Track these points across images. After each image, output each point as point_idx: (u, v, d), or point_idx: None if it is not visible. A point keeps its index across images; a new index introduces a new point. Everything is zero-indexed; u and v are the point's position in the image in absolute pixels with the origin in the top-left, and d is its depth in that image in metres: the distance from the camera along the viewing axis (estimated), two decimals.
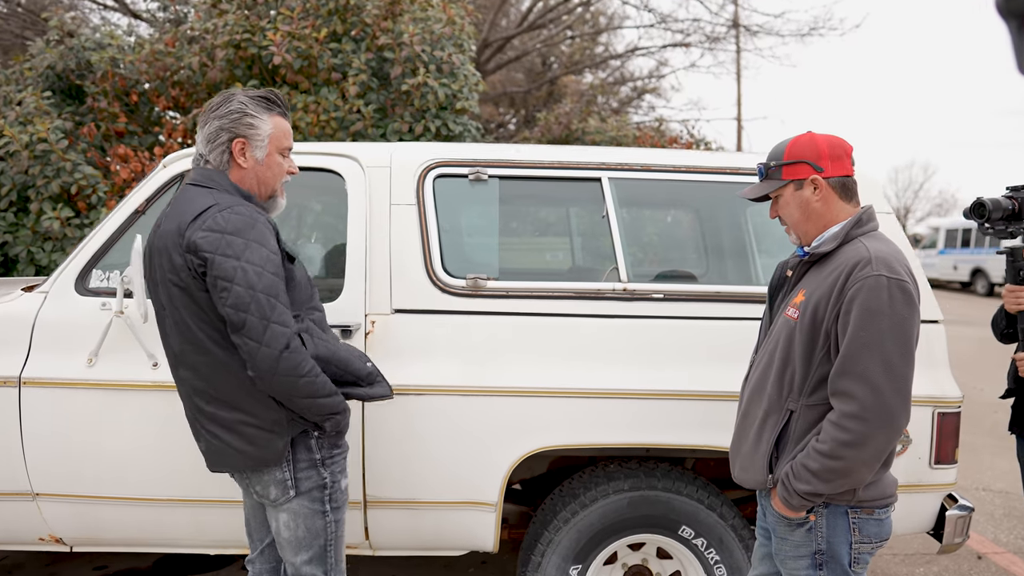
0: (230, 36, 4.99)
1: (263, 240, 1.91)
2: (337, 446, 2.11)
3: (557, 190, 3.04)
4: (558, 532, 2.62)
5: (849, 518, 1.84)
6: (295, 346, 1.89)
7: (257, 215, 1.94)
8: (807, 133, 1.91)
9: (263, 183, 2.06)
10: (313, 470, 2.06)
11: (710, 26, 13.17)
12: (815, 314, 1.80)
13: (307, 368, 1.91)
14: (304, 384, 1.91)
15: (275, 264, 1.91)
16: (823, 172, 1.86)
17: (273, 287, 1.89)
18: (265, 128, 2.02)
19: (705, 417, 2.56)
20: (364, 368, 2.12)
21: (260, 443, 1.99)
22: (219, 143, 2.01)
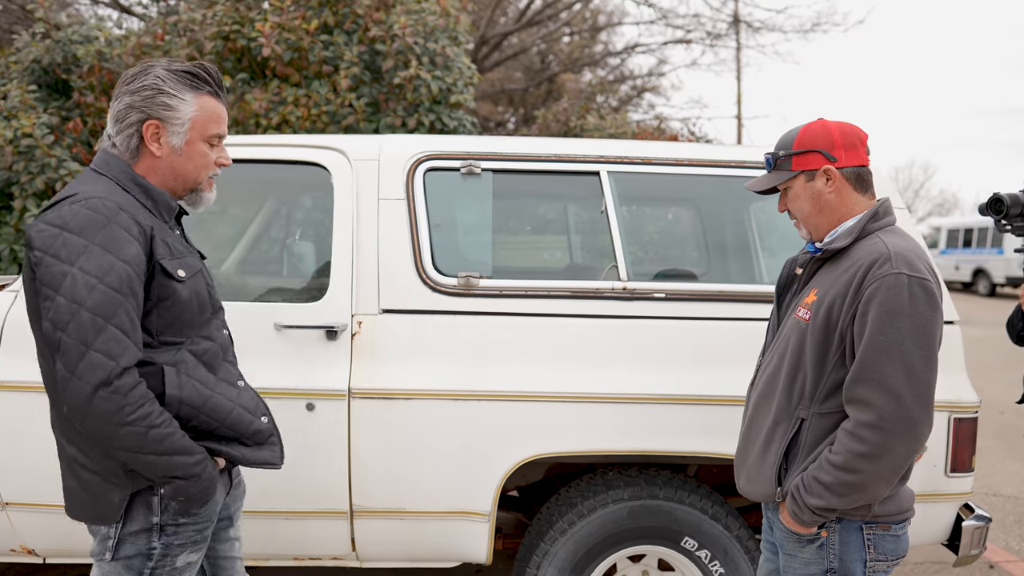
0: (218, 28, 4.86)
1: (112, 245, 1.54)
2: (189, 514, 1.67)
3: (554, 184, 2.92)
4: (554, 543, 2.49)
5: (864, 534, 1.72)
6: (120, 385, 1.50)
7: (119, 212, 1.57)
8: (819, 120, 1.78)
9: (180, 176, 1.72)
10: (144, 535, 1.64)
11: (711, 22, 13.05)
12: (829, 315, 1.68)
13: (135, 415, 1.52)
14: (126, 435, 1.52)
15: (121, 277, 1.54)
16: (836, 162, 1.73)
17: (106, 306, 1.51)
18: (186, 110, 1.67)
19: (708, 423, 2.45)
20: (250, 424, 1.73)
21: (93, 491, 1.63)
22: (128, 124, 1.66)
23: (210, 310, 1.76)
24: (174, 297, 1.65)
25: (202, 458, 1.64)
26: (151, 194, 1.70)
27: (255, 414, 1.76)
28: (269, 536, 2.51)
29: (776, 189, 1.84)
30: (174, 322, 1.67)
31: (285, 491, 2.44)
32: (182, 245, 1.75)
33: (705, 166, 2.67)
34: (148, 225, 1.63)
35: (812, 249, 1.82)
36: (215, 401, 1.68)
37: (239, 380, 1.79)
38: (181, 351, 1.68)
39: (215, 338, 1.76)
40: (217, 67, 5.04)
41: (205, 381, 1.69)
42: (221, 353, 1.77)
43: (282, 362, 2.45)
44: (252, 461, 1.75)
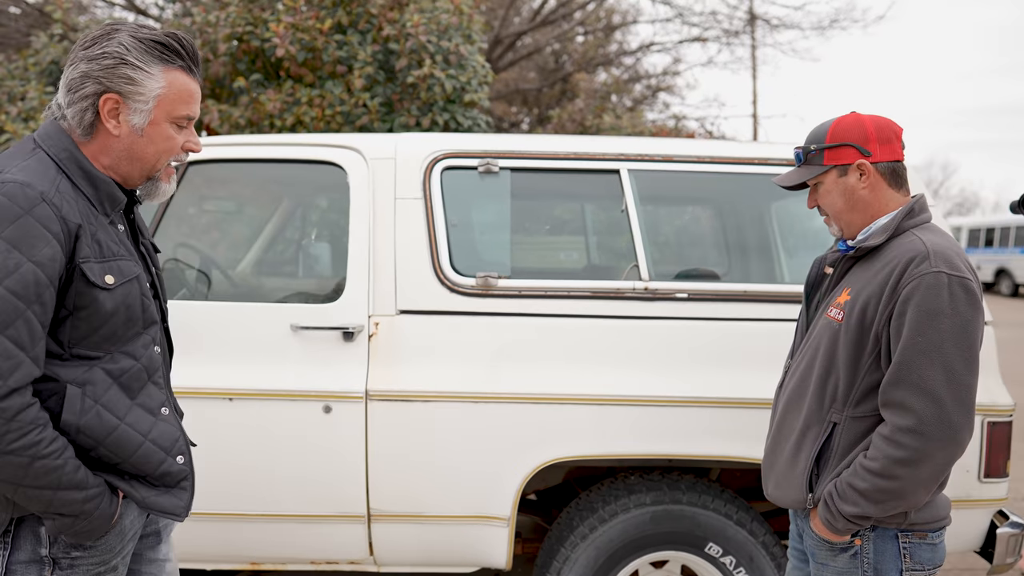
0: (232, 29, 4.85)
1: (22, 242, 1.30)
2: (83, 546, 1.44)
3: (573, 183, 2.86)
4: (575, 548, 2.44)
5: (899, 542, 1.65)
6: (5, 408, 1.28)
7: (39, 203, 1.33)
8: (852, 113, 1.72)
9: (137, 159, 1.48)
10: (34, 567, 1.42)
11: (727, 20, 12.94)
12: (863, 315, 1.61)
13: (19, 443, 1.29)
14: (5, 464, 1.30)
15: (25, 280, 1.30)
16: (871, 156, 1.67)
17: (4, 314, 1.29)
18: (152, 85, 1.43)
19: (733, 426, 2.39)
20: (159, 464, 1.48)
21: None
22: (82, 95, 1.42)
23: (140, 324, 1.50)
24: (94, 307, 1.40)
25: (97, 492, 1.41)
26: (93, 181, 1.45)
27: (169, 452, 1.51)
28: (286, 540, 2.47)
29: (805, 184, 1.78)
30: (91, 334, 1.42)
31: (302, 494, 2.41)
32: (120, 245, 1.49)
33: (728, 163, 2.61)
34: (75, 222, 1.38)
35: (843, 247, 1.75)
36: (121, 433, 1.43)
37: (162, 407, 1.54)
38: (94, 369, 1.43)
39: (139, 356, 1.49)
40: (231, 68, 5.06)
41: (114, 408, 1.44)
42: (146, 374, 1.51)
43: (298, 364, 2.41)
44: (150, 506, 1.50)
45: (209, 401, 2.39)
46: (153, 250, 1.67)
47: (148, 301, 1.52)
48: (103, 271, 1.41)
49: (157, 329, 1.56)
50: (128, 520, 1.51)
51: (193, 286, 2.77)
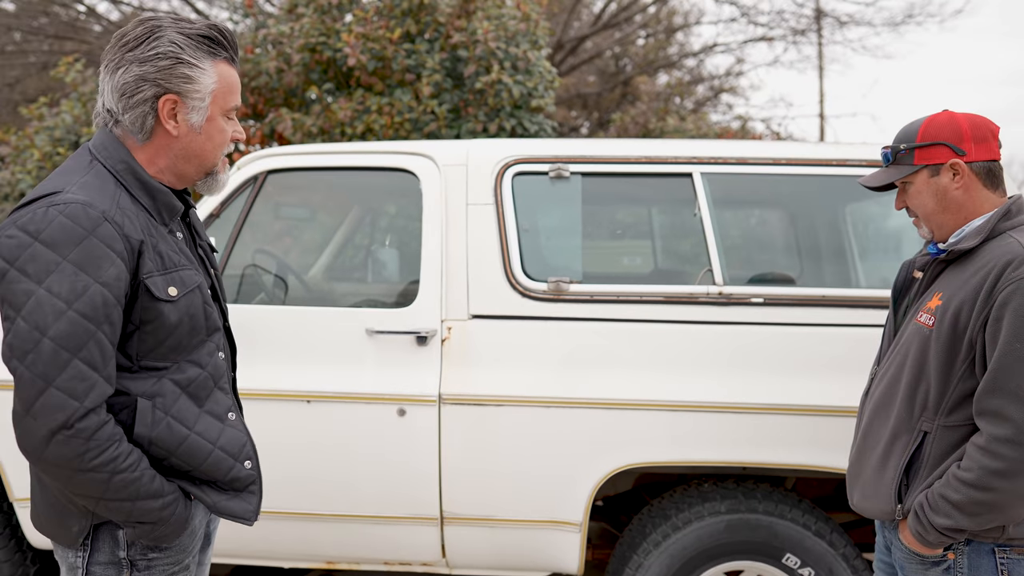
0: (306, 40, 4.99)
1: (88, 264, 1.30)
2: (158, 548, 1.47)
3: (644, 186, 2.85)
4: (648, 555, 2.42)
5: (996, 558, 1.58)
6: (83, 428, 1.29)
7: (102, 223, 1.32)
8: (944, 111, 1.67)
9: (196, 157, 1.47)
10: (112, 568, 1.45)
11: (794, 18, 12.66)
12: (956, 321, 1.56)
13: (98, 460, 1.31)
14: (86, 481, 1.32)
15: (94, 303, 1.30)
16: (965, 156, 1.61)
17: (75, 336, 1.29)
18: (207, 82, 1.42)
19: (811, 434, 2.34)
20: (227, 470, 1.50)
21: (55, 513, 1.44)
22: (141, 99, 1.39)
23: (204, 332, 1.49)
24: (160, 320, 1.40)
25: (172, 500, 1.43)
26: (151, 191, 1.44)
27: (237, 458, 1.52)
28: (361, 540, 2.52)
29: (892, 185, 1.73)
30: (158, 346, 1.43)
31: (376, 495, 2.46)
32: (181, 254, 1.49)
33: (803, 165, 2.56)
34: (137, 239, 1.38)
35: (934, 251, 1.70)
36: (191, 443, 1.45)
37: (229, 412, 1.55)
38: (162, 380, 1.44)
39: (205, 364, 1.50)
40: (304, 78, 5.20)
41: (184, 418, 1.45)
42: (212, 381, 1.52)
43: (373, 367, 2.46)
44: (221, 511, 1.52)
45: (288, 403, 2.45)
46: (210, 250, 1.66)
47: (210, 308, 1.51)
48: (166, 283, 1.41)
49: (220, 336, 1.56)
50: (197, 520, 1.53)
51: (271, 291, 2.85)
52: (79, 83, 5.46)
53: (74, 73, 5.40)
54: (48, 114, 5.38)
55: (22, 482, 2.53)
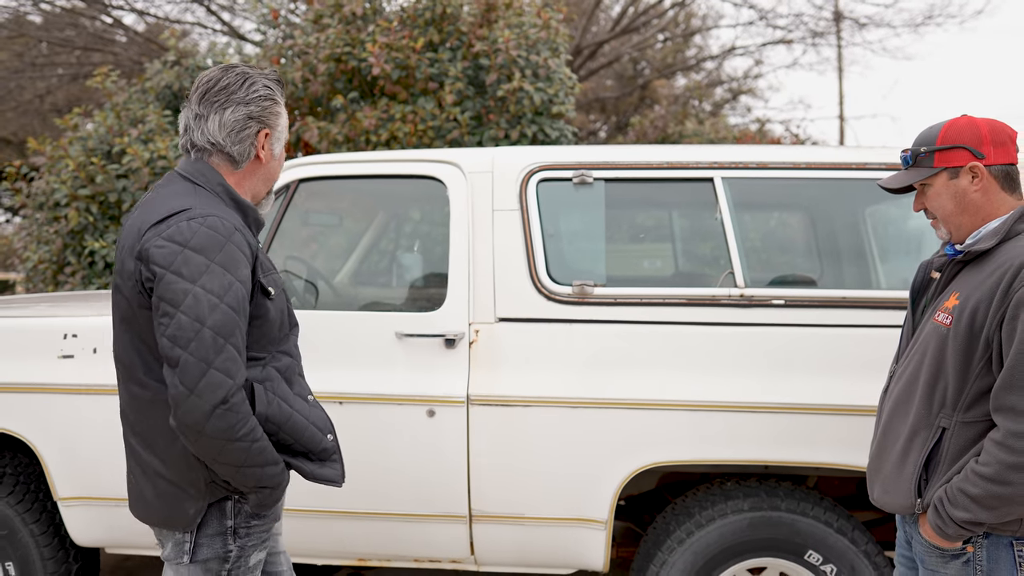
0: (331, 50, 5.09)
1: (231, 265, 1.56)
2: (258, 516, 1.72)
3: (666, 192, 2.91)
4: (672, 552, 2.48)
5: (1015, 550, 1.63)
6: (235, 402, 1.52)
7: (234, 231, 1.59)
8: (964, 116, 1.71)
9: (270, 180, 1.79)
10: (219, 539, 1.67)
11: (813, 20, 12.64)
12: (973, 320, 1.61)
13: (244, 431, 1.54)
14: (235, 449, 1.54)
15: (238, 297, 1.56)
16: (984, 159, 1.66)
17: (227, 325, 1.53)
18: (285, 118, 1.77)
19: (832, 433, 2.38)
20: (319, 442, 1.73)
21: (169, 501, 1.64)
22: (247, 134, 1.68)
23: (288, 326, 1.76)
24: (265, 315, 1.66)
25: (283, 467, 1.66)
26: (243, 208, 1.71)
27: (324, 432, 1.75)
28: (392, 538, 2.59)
29: (911, 188, 1.78)
30: (261, 338, 1.67)
31: (407, 494, 2.53)
32: (269, 260, 1.76)
33: (822, 169, 2.60)
34: (255, 245, 1.66)
35: (951, 252, 1.74)
36: (295, 419, 1.68)
37: (309, 395, 1.79)
38: (267, 368, 1.68)
39: (292, 353, 1.77)
40: (329, 87, 5.31)
41: (286, 399, 1.69)
42: (296, 368, 1.78)
43: (403, 369, 2.53)
44: (317, 477, 1.74)
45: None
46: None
47: (291, 306, 1.79)
48: (268, 284, 1.68)
49: (297, 329, 1.82)
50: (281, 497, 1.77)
51: (302, 296, 2.94)
52: (113, 92, 5.60)
53: (109, 83, 5.55)
54: (82, 124, 5.53)
55: (67, 482, 2.63)
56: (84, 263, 5.07)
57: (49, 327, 2.69)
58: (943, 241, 1.79)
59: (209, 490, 1.63)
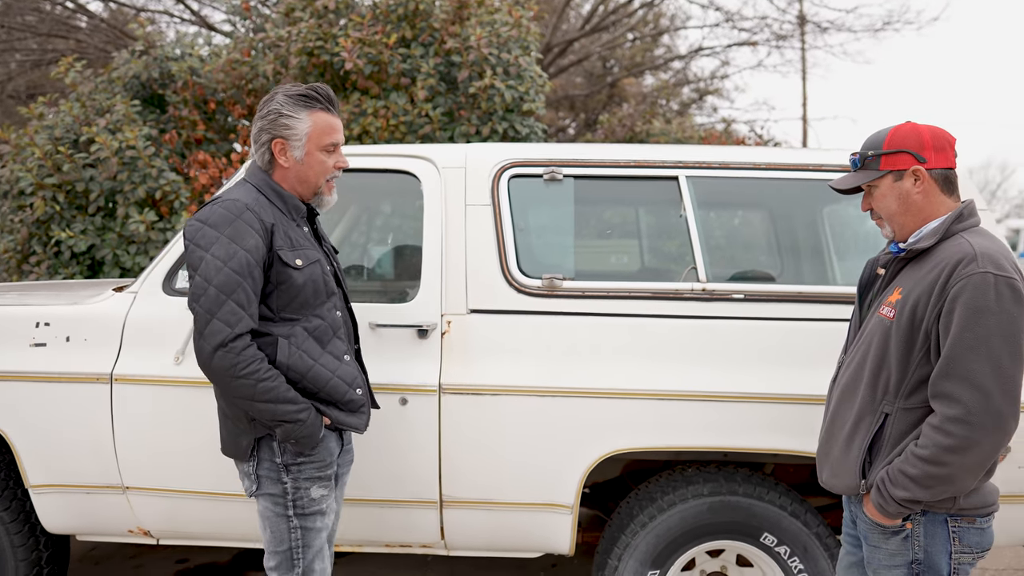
0: (303, 44, 5.11)
1: (237, 236, 1.93)
2: (304, 454, 2.06)
3: (633, 189, 3.00)
4: (635, 536, 2.58)
5: (949, 527, 1.76)
6: (235, 346, 1.89)
7: (245, 211, 1.95)
8: (908, 122, 1.84)
9: (304, 182, 2.08)
10: (274, 473, 2.05)
11: (778, 23, 12.89)
12: (913, 313, 1.73)
13: (247, 371, 1.90)
14: (240, 385, 1.91)
15: (241, 263, 1.92)
16: (926, 163, 1.78)
17: (229, 285, 1.90)
18: (302, 127, 2.03)
19: (787, 421, 2.49)
20: (344, 393, 2.08)
21: (231, 434, 2.07)
22: (261, 143, 2.06)
23: (324, 294, 2.08)
24: (290, 282, 2.00)
25: (305, 407, 1.98)
26: (283, 197, 2.07)
27: (351, 386, 2.10)
28: (363, 523, 2.65)
29: (860, 188, 1.90)
30: (291, 302, 2.02)
31: (379, 480, 2.59)
32: (306, 240, 2.09)
33: (782, 170, 2.71)
34: (270, 222, 1.99)
35: (895, 249, 1.87)
36: (316, 371, 2.03)
37: (345, 355, 2.12)
38: (295, 326, 2.03)
39: (326, 317, 2.09)
40: (302, 81, 5.32)
41: (311, 352, 2.03)
42: (331, 330, 2.10)
43: (377, 359, 2.58)
44: (343, 423, 2.10)
45: None
46: (333, 251, 2.28)
47: (328, 278, 2.11)
48: (294, 256, 2.02)
49: (337, 298, 2.15)
50: (331, 444, 2.12)
51: None
52: (78, 83, 5.55)
53: (73, 73, 5.49)
54: (48, 113, 5.47)
55: (38, 470, 2.65)
56: (50, 253, 5.02)
57: (21, 316, 2.70)
58: (888, 239, 1.91)
59: (253, 427, 2.01)
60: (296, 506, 2.06)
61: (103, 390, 2.60)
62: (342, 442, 2.20)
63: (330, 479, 2.13)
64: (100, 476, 2.65)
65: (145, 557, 3.76)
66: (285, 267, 1.99)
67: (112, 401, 2.60)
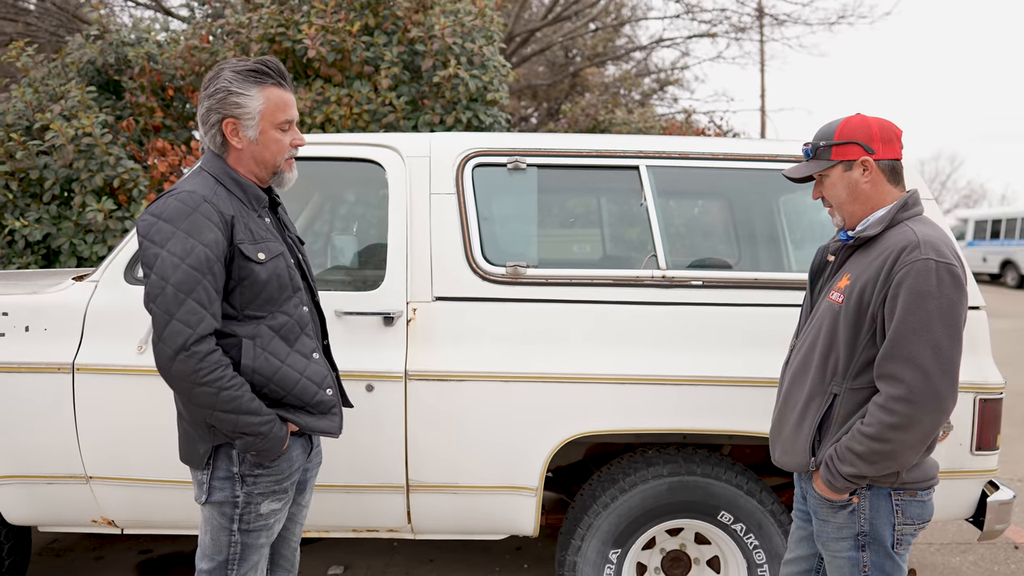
0: (264, 30, 5.06)
1: (194, 231, 1.77)
2: (262, 467, 1.91)
3: (595, 178, 3.06)
4: (598, 516, 2.65)
5: (892, 500, 1.85)
6: (198, 350, 1.75)
7: (203, 203, 1.80)
8: (858, 115, 1.91)
9: (261, 162, 1.93)
10: (228, 483, 1.91)
11: (736, 15, 13.08)
12: (861, 298, 1.81)
13: (209, 376, 1.75)
14: (201, 393, 1.76)
15: (200, 258, 1.77)
16: (874, 154, 1.87)
17: (188, 283, 1.75)
18: (254, 105, 1.87)
19: (743, 403, 2.58)
20: (313, 395, 1.94)
21: (187, 440, 1.92)
22: (210, 125, 1.90)
23: (289, 289, 1.94)
24: (253, 277, 1.86)
25: (270, 419, 1.84)
26: (243, 187, 1.92)
27: (321, 386, 1.96)
28: (330, 509, 2.68)
29: (811, 177, 1.97)
30: (255, 299, 1.88)
31: (346, 466, 2.61)
32: (268, 231, 1.94)
33: (740, 160, 2.79)
34: (230, 214, 1.84)
35: (844, 237, 1.95)
36: (283, 372, 1.89)
37: (314, 352, 1.98)
38: (260, 326, 1.89)
39: (292, 314, 1.95)
40: None
41: (277, 354, 1.89)
42: (299, 327, 1.96)
43: (343, 346, 2.61)
44: (314, 428, 1.96)
45: None
46: (299, 242, 2.13)
47: (293, 272, 1.97)
48: (256, 250, 1.88)
49: (303, 293, 2.01)
50: (295, 454, 1.99)
51: None
52: (30, 68, 5.42)
53: (25, 58, 5.36)
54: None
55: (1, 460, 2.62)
56: (3, 242, 4.91)
57: None
58: (838, 227, 1.99)
59: (212, 433, 1.87)
60: (242, 520, 1.92)
61: (65, 380, 2.58)
62: (311, 445, 2.09)
63: (287, 491, 1.99)
64: (63, 466, 2.63)
65: (107, 549, 3.73)
66: (247, 262, 1.85)
67: (74, 391, 2.58)
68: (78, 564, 3.56)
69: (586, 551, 2.65)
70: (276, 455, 1.89)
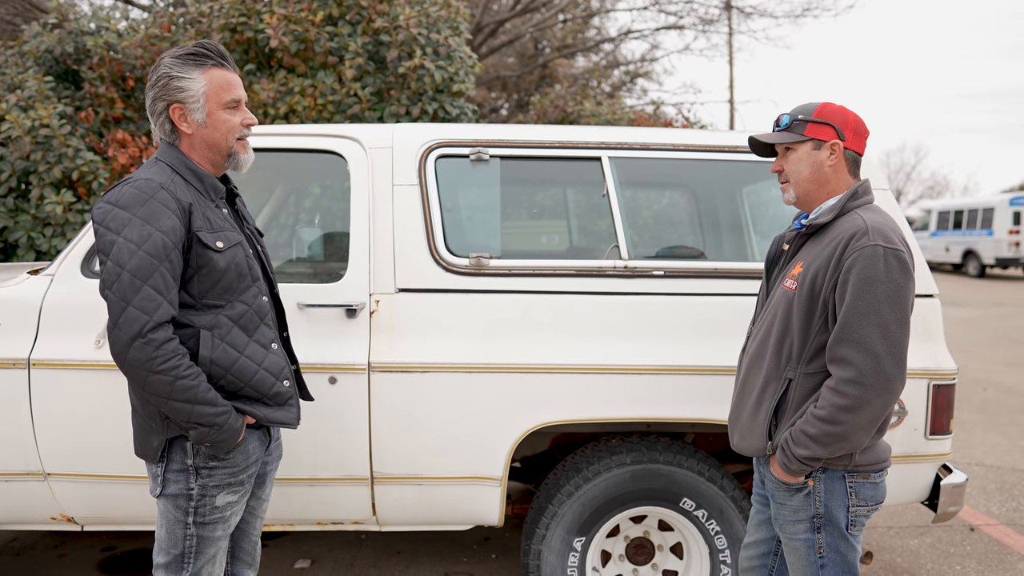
0: (226, 19, 4.98)
1: (151, 217, 1.77)
2: (217, 459, 1.91)
3: (558, 169, 3.07)
4: (562, 505, 2.67)
5: (846, 482, 1.90)
6: (155, 338, 1.74)
7: (159, 190, 1.80)
8: (839, 104, 1.96)
9: (213, 146, 1.91)
10: (182, 475, 1.90)
11: (703, 8, 13.16)
12: (813, 284, 1.85)
13: (165, 365, 1.74)
14: (156, 382, 1.75)
15: (157, 245, 1.76)
16: (844, 141, 1.91)
17: (144, 269, 1.74)
18: (197, 87, 1.86)
19: (705, 391, 2.61)
20: (271, 386, 1.94)
21: (141, 433, 1.93)
22: (158, 114, 1.90)
23: (248, 278, 1.94)
24: (211, 265, 1.85)
25: (225, 410, 1.83)
26: (199, 176, 1.91)
27: (278, 378, 1.96)
28: (294, 502, 2.67)
29: (774, 151, 2.01)
30: (213, 287, 1.88)
31: (310, 459, 2.60)
32: (226, 221, 1.95)
33: (701, 151, 2.82)
34: (187, 201, 1.84)
35: (798, 226, 1.99)
36: (241, 363, 1.89)
37: (272, 343, 1.99)
38: (219, 316, 1.88)
39: (251, 303, 1.94)
40: None
41: (236, 344, 1.89)
42: (258, 317, 1.96)
43: (305, 339, 2.59)
44: (271, 420, 1.96)
45: None
46: (257, 234, 2.13)
47: (252, 262, 1.97)
48: (214, 238, 1.87)
49: (262, 283, 2.00)
50: (251, 446, 1.98)
51: None
52: None
53: None
54: None
55: None
56: None
57: None
58: (787, 203, 2.02)
59: (165, 426, 1.86)
60: (197, 513, 1.92)
61: (20, 375, 2.53)
62: (269, 438, 2.08)
63: (243, 484, 1.98)
64: (20, 463, 2.58)
65: (69, 546, 3.68)
66: (205, 249, 1.84)
67: (31, 386, 2.53)
68: (40, 562, 3.51)
69: (551, 540, 2.67)
70: (231, 447, 1.89)
